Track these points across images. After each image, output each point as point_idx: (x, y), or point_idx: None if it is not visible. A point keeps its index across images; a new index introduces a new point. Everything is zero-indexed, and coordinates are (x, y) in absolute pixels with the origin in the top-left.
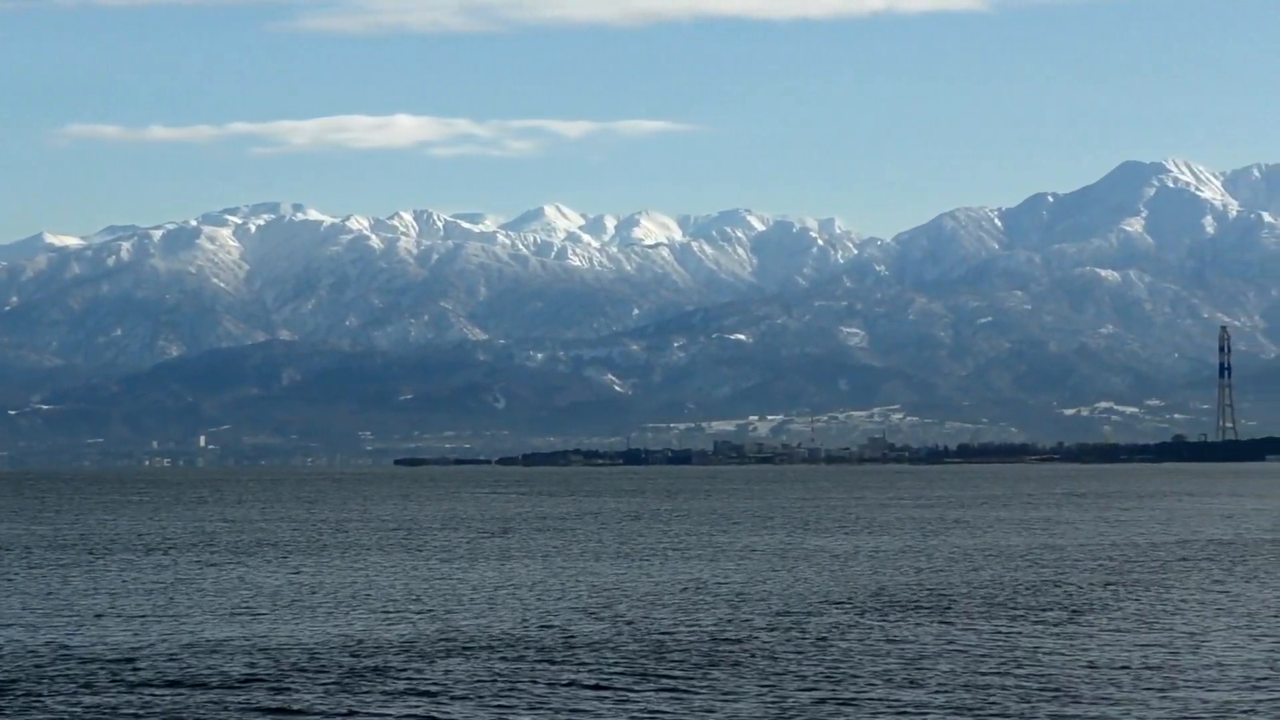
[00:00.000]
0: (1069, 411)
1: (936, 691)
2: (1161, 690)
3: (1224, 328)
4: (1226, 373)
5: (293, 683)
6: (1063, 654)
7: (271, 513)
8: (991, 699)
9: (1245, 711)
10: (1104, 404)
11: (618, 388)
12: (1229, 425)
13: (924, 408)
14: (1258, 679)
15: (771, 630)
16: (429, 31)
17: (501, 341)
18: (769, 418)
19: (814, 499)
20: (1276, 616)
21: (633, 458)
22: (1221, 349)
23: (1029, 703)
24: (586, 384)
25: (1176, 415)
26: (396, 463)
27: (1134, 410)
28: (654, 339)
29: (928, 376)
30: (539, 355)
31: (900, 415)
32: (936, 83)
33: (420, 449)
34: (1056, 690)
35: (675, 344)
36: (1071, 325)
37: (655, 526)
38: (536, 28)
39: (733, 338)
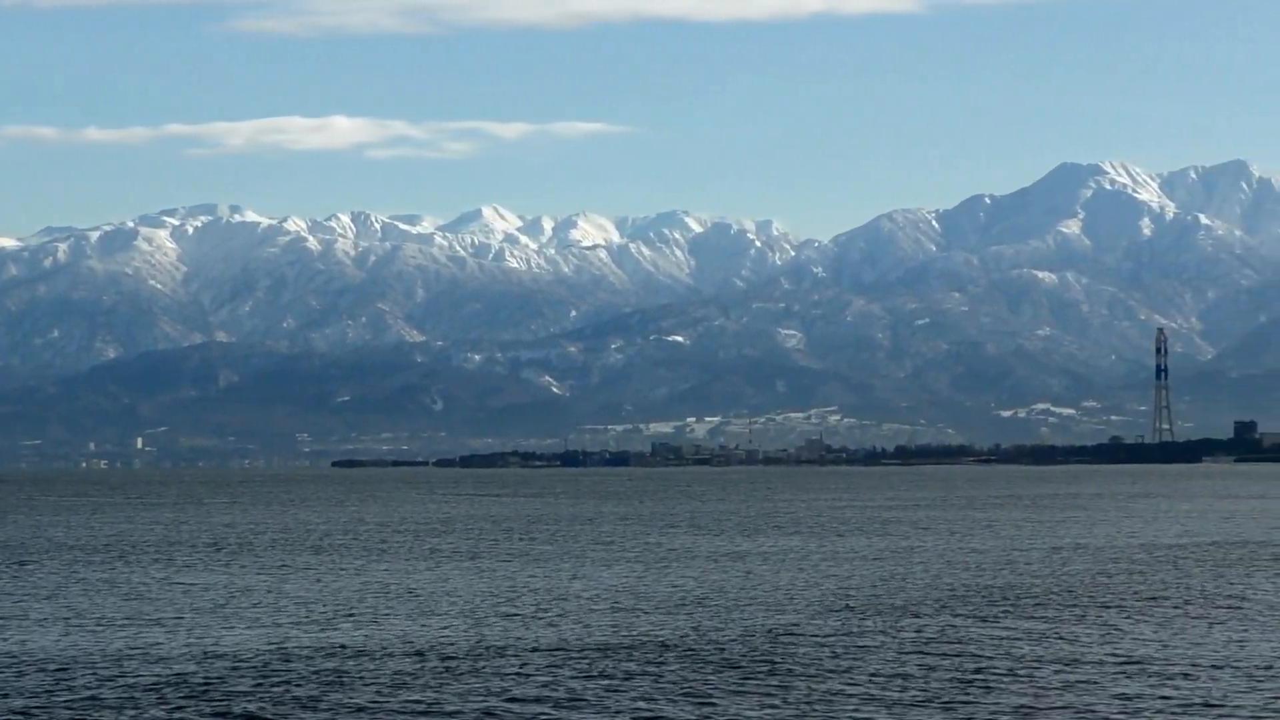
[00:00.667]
0: (1006, 413)
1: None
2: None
3: (1161, 329)
4: (1163, 374)
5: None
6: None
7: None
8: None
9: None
10: (1041, 405)
11: (555, 389)
12: (1165, 427)
13: (861, 409)
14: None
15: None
16: (366, 33)
17: (439, 343)
18: (706, 419)
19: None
20: None
21: (570, 459)
22: (1158, 351)
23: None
24: (524, 386)
25: (1113, 417)
26: (334, 464)
27: (1071, 412)
28: (591, 341)
29: (865, 378)
30: (476, 357)
31: (838, 417)
32: (874, 84)
33: (357, 451)
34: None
35: (613, 346)
36: (1009, 327)
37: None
38: (473, 29)
39: (670, 339)
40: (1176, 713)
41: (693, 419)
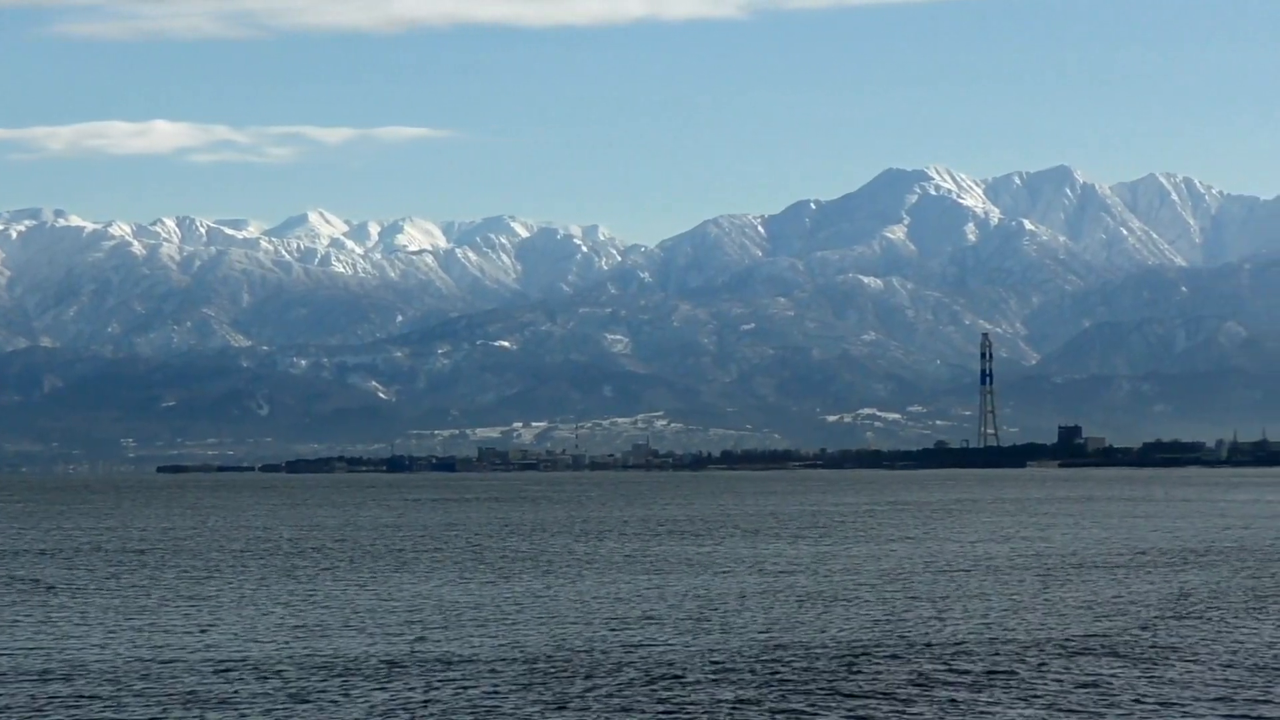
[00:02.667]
0: (832, 418)
1: None
2: None
3: (986, 334)
4: (988, 379)
5: None
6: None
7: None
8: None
9: None
10: (867, 410)
11: (382, 394)
12: (991, 432)
13: (688, 414)
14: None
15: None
16: (188, 38)
17: (265, 348)
18: (533, 424)
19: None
20: None
21: (397, 465)
22: (983, 356)
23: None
24: (350, 391)
25: (939, 422)
26: (159, 470)
27: (896, 417)
28: (418, 346)
29: (691, 383)
30: (303, 362)
31: (664, 422)
32: (699, 90)
33: (183, 456)
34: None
35: (439, 351)
36: (834, 332)
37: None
38: (295, 34)
39: (497, 344)
40: None
41: (519, 424)
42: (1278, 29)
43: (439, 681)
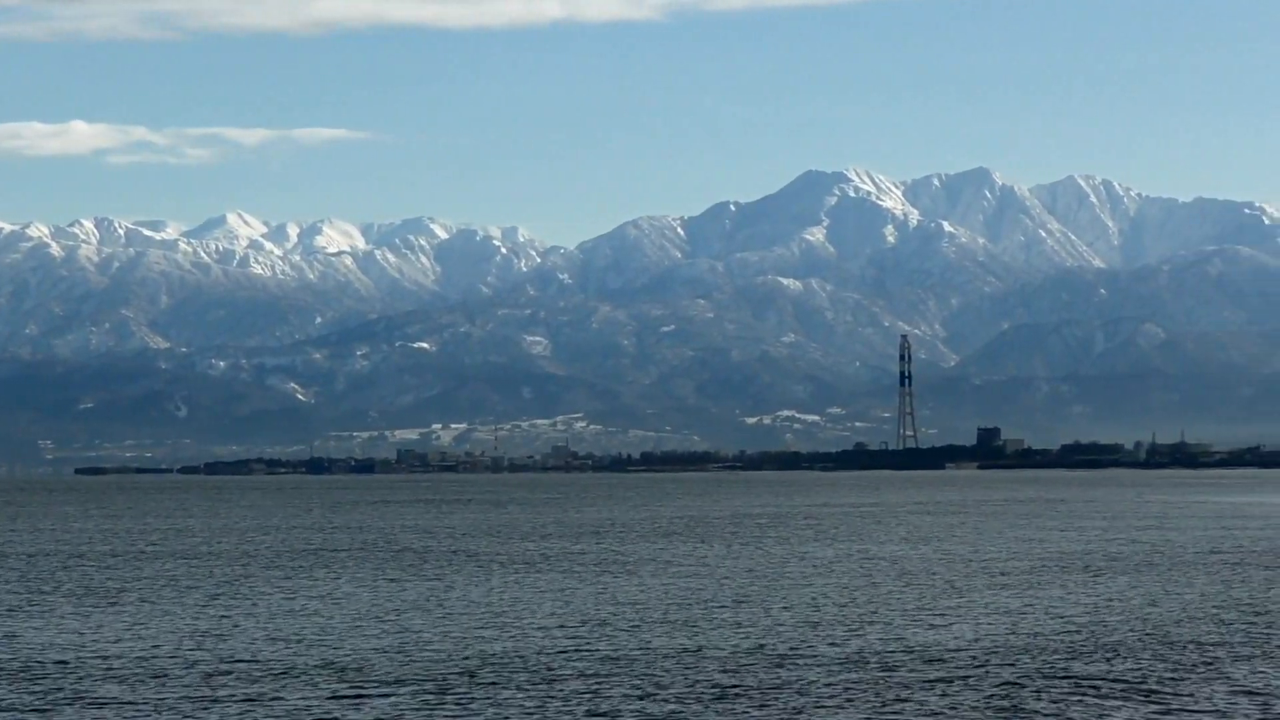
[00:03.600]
0: (751, 420)
1: None
2: None
3: (905, 336)
4: (907, 381)
5: None
6: None
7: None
8: None
9: None
10: (786, 412)
11: (301, 396)
12: (910, 433)
13: (607, 416)
14: None
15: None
16: (106, 38)
17: (183, 350)
18: (453, 426)
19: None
20: None
21: (316, 467)
22: (902, 357)
23: None
24: (269, 392)
25: (858, 423)
26: (77, 471)
27: (816, 418)
28: (337, 348)
29: (611, 385)
30: (221, 364)
31: (584, 424)
32: (618, 91)
33: (101, 458)
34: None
35: (358, 353)
36: (754, 333)
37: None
38: (213, 35)
39: (416, 346)
40: None
41: (439, 426)
42: (1195, 31)
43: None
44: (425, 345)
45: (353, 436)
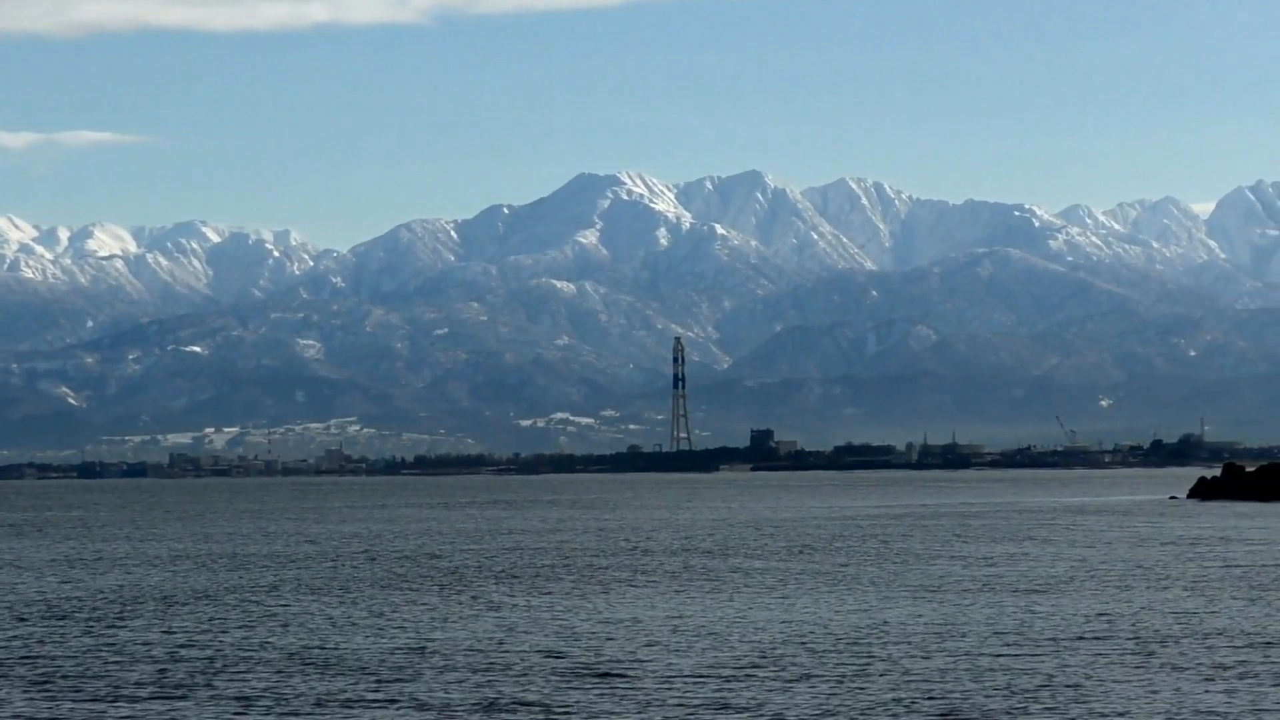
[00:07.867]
0: (525, 422)
1: None
2: None
3: (678, 339)
4: (680, 383)
5: None
6: None
7: None
8: None
9: None
10: (560, 415)
11: (72, 400)
12: (683, 436)
13: (381, 419)
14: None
15: None
16: None
17: None
18: (225, 430)
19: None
20: None
21: (87, 471)
22: (675, 360)
23: None
24: (40, 397)
25: (632, 426)
26: None
27: (590, 421)
28: (109, 351)
29: (385, 388)
30: None
31: (357, 427)
32: (386, 94)
33: None
34: None
35: (130, 356)
36: (527, 336)
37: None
38: None
39: (188, 350)
40: None
41: (211, 429)
42: (965, 34)
43: None
44: (197, 349)
45: (125, 441)
